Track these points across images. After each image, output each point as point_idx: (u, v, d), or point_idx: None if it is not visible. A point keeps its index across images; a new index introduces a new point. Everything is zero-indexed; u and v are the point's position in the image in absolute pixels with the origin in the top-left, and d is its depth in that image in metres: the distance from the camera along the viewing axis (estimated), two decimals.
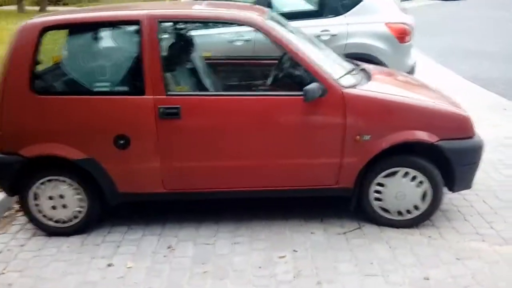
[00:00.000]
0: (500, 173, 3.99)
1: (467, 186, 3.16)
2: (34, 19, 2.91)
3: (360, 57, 4.99)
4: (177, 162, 2.96)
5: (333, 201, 3.35)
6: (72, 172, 3.00)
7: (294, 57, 2.87)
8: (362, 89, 2.93)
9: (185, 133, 2.89)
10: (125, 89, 2.92)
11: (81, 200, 3.08)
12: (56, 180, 3.03)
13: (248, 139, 2.92)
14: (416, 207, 3.08)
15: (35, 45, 2.84)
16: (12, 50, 2.84)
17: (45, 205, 3.08)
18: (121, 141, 2.89)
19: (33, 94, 2.85)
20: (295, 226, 3.22)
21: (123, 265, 2.85)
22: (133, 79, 2.88)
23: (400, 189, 3.04)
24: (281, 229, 3.18)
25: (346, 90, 2.87)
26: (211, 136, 2.91)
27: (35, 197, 3.06)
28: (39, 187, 3.04)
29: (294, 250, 2.94)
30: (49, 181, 3.03)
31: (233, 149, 2.94)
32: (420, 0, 23.77)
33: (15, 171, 2.97)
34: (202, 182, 3.05)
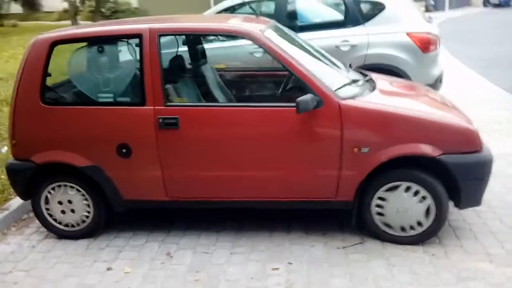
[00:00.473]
0: None
1: (475, 203, 3.02)
2: (45, 34, 3.08)
3: (381, 68, 4.94)
4: (178, 171, 3.03)
5: (337, 214, 3.30)
6: (79, 178, 3.13)
7: (290, 69, 2.87)
8: (360, 101, 2.87)
9: (184, 143, 2.96)
10: (127, 100, 3.04)
11: (88, 206, 3.21)
12: (64, 185, 3.17)
13: (246, 150, 2.94)
14: (419, 223, 2.98)
15: (45, 59, 3.01)
16: (24, 63, 3.03)
17: (55, 209, 3.23)
18: (124, 150, 3.00)
19: (43, 105, 3.02)
20: (295, 238, 3.19)
21: (121, 270, 2.94)
22: (135, 90, 2.98)
23: (402, 204, 2.95)
24: (282, 241, 3.17)
25: (343, 102, 2.83)
26: (209, 147, 2.96)
27: (46, 201, 3.22)
28: (49, 192, 3.20)
29: (289, 263, 2.92)
30: (58, 186, 3.19)
31: (231, 159, 2.97)
32: (469, 8, 22.95)
33: (27, 176, 3.15)
34: (202, 192, 3.10)
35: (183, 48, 3.79)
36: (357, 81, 3.20)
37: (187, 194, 3.11)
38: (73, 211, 3.22)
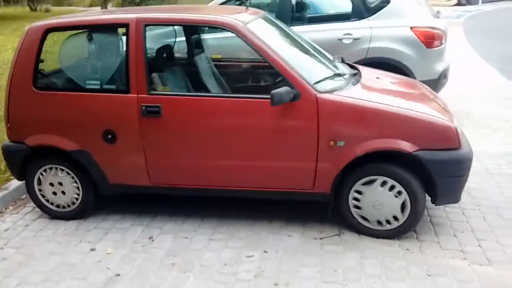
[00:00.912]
0: None
1: (452, 200, 3.01)
2: (39, 21, 3.21)
3: (384, 62, 4.91)
4: (160, 158, 3.13)
5: (320, 206, 3.33)
6: (68, 161, 3.27)
7: (269, 62, 2.91)
8: (338, 95, 2.89)
9: (165, 130, 3.05)
10: (113, 87, 3.14)
11: (78, 188, 3.35)
12: (55, 168, 3.32)
13: (225, 140, 3.01)
14: (395, 217, 2.99)
15: (38, 45, 3.15)
16: (19, 49, 3.17)
17: (47, 190, 3.39)
18: (109, 136, 3.11)
19: (35, 90, 3.16)
20: (275, 228, 3.25)
21: (104, 250, 3.06)
22: (120, 78, 3.09)
23: (378, 198, 2.97)
24: (261, 229, 3.23)
25: (321, 95, 2.86)
26: (189, 135, 3.04)
27: (39, 182, 3.38)
28: (42, 173, 3.35)
29: (264, 251, 2.99)
30: (50, 169, 3.33)
31: (210, 148, 3.04)
32: (505, 3, 22.15)
33: (21, 158, 3.31)
34: (183, 179, 3.19)
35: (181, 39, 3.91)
36: (341, 74, 3.21)
37: (169, 180, 3.20)
38: (63, 193, 3.37)
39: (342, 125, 2.87)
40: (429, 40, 4.89)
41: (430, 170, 2.83)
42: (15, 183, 3.86)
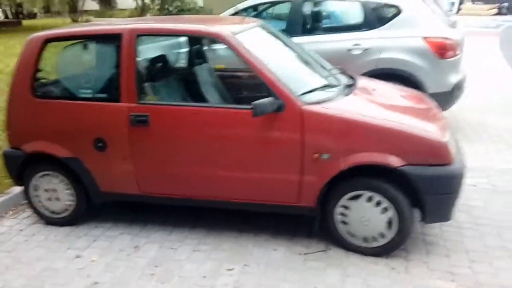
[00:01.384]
0: None
1: (443, 219, 2.87)
2: (40, 32, 3.32)
3: (394, 73, 4.80)
4: (148, 167, 3.14)
5: (309, 219, 3.25)
6: (62, 169, 3.34)
7: (256, 72, 2.88)
8: (324, 106, 2.82)
9: (153, 140, 3.06)
10: (105, 96, 3.18)
11: (71, 195, 3.41)
12: (50, 175, 3.39)
13: (210, 150, 2.99)
14: (382, 234, 2.88)
15: (37, 55, 3.25)
16: (19, 59, 3.28)
17: (42, 196, 3.46)
18: (100, 144, 3.16)
19: (32, 98, 3.25)
20: (261, 241, 3.19)
21: (89, 258, 3.09)
22: (112, 87, 3.13)
23: (364, 214, 2.87)
24: (247, 242, 3.18)
25: (306, 107, 2.80)
26: (175, 145, 3.04)
27: (35, 188, 3.46)
28: (38, 179, 3.43)
29: (245, 265, 2.93)
30: (45, 175, 3.41)
31: (196, 159, 3.03)
32: None
33: (19, 164, 3.41)
34: (170, 188, 3.19)
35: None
36: (331, 85, 3.14)
37: (157, 189, 3.21)
38: (57, 199, 3.44)
39: (327, 137, 2.79)
40: (442, 50, 4.74)
41: (418, 186, 2.71)
42: (18, 188, 3.95)
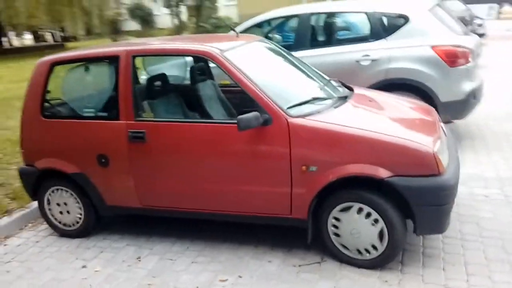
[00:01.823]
0: None
1: (435, 230, 2.81)
2: (47, 56, 3.55)
3: (404, 83, 4.76)
4: (146, 181, 3.27)
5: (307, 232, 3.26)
6: (71, 184, 3.53)
7: (244, 88, 2.95)
8: (311, 119, 2.85)
9: (150, 155, 3.19)
10: (105, 114, 3.35)
11: (80, 209, 3.59)
12: (61, 189, 3.59)
13: (202, 164, 3.08)
14: (374, 247, 2.85)
15: (45, 77, 3.47)
16: (30, 82, 3.52)
17: (55, 210, 3.66)
18: (103, 160, 3.32)
19: (42, 118, 3.47)
20: (259, 253, 3.23)
21: (93, 268, 3.24)
22: (112, 105, 3.29)
23: (355, 225, 2.86)
24: (245, 254, 3.23)
25: (292, 120, 2.84)
26: (170, 160, 3.15)
27: (48, 202, 3.67)
28: (50, 194, 3.64)
29: (239, 276, 2.98)
30: (57, 190, 3.61)
31: (190, 173, 3.13)
32: None
33: (33, 179, 3.63)
34: (167, 201, 3.30)
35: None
36: (323, 98, 3.16)
37: (156, 203, 3.33)
38: (68, 212, 3.63)
39: (314, 149, 2.82)
40: (452, 58, 4.64)
41: (407, 197, 2.68)
42: (37, 203, 4.20)
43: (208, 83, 4.02)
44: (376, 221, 2.80)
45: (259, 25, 5.75)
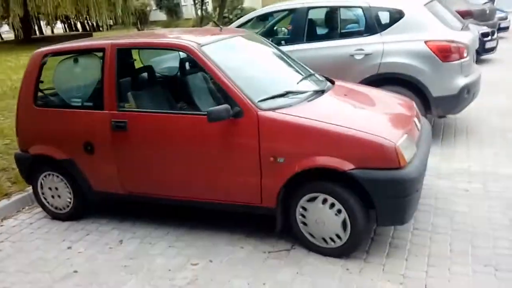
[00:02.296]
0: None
1: (396, 221, 2.88)
2: (41, 48, 3.74)
3: (396, 77, 4.78)
4: (128, 168, 3.44)
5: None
6: (60, 169, 3.72)
7: (217, 82, 3.07)
8: (279, 112, 2.95)
9: (130, 143, 3.35)
10: (91, 104, 3.53)
11: (69, 193, 3.79)
12: (52, 175, 3.79)
13: (177, 153, 3.22)
14: (338, 236, 2.94)
15: (39, 68, 3.67)
16: (25, 72, 3.72)
17: (47, 194, 3.88)
18: (89, 147, 3.50)
19: (34, 107, 3.67)
20: (233, 240, 3.35)
21: (77, 250, 3.43)
22: (97, 96, 3.46)
23: (319, 215, 2.95)
24: (220, 240, 3.36)
25: (262, 113, 2.94)
26: (149, 148, 3.30)
27: (41, 186, 3.88)
28: (43, 179, 3.85)
29: (210, 260, 3.12)
30: (48, 175, 3.82)
31: (167, 161, 3.28)
32: None
33: (27, 165, 3.85)
34: (148, 188, 3.46)
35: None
36: (298, 92, 3.24)
37: (137, 189, 3.50)
38: (59, 196, 3.83)
39: (281, 141, 2.92)
40: (445, 53, 4.63)
41: (367, 189, 2.75)
42: None
43: (199, 75, 4.14)
44: (339, 211, 2.88)
45: (262, 18, 5.83)
